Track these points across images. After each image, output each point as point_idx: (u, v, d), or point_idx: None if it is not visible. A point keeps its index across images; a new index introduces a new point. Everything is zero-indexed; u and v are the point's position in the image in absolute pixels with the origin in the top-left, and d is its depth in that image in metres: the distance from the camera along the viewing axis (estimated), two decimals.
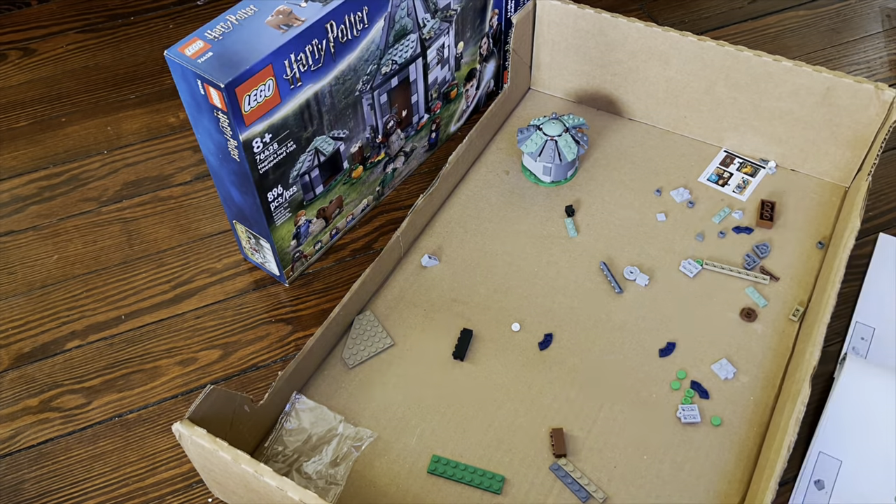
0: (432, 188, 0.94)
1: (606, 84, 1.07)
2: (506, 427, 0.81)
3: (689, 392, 0.82)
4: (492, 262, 0.94)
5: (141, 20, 1.29)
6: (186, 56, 0.73)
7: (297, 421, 0.81)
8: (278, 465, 0.78)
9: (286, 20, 0.77)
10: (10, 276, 0.96)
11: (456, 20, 0.97)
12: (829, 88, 0.93)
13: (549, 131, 0.98)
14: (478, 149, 1.04)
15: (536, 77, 1.12)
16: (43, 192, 1.05)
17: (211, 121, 0.76)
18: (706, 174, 1.02)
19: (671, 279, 0.92)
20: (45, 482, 0.80)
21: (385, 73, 0.90)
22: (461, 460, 0.78)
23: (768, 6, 1.27)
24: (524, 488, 0.77)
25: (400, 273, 0.93)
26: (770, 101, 0.98)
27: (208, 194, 1.04)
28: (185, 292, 0.94)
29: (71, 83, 1.19)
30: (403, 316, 0.89)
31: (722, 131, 1.03)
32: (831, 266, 0.84)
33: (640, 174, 1.02)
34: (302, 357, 0.80)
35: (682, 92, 1.03)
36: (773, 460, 0.70)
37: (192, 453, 0.70)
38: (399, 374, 0.85)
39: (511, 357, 0.86)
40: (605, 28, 1.02)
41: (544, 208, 0.99)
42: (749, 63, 0.96)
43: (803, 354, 0.77)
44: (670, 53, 1.00)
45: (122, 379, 0.87)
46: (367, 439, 0.80)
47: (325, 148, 0.87)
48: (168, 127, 1.13)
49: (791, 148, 1.00)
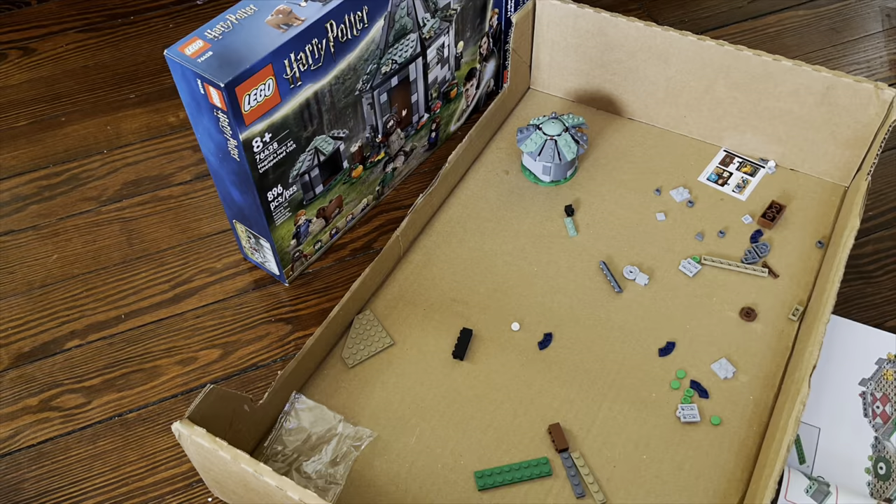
0: (432, 188, 0.94)
1: (606, 84, 1.07)
2: (505, 426, 0.81)
3: (688, 391, 0.82)
4: (491, 261, 0.94)
5: (141, 20, 1.29)
6: (186, 55, 0.73)
7: (296, 420, 0.81)
8: (278, 465, 0.78)
9: (286, 20, 0.77)
10: (10, 276, 0.96)
11: (456, 20, 0.97)
12: (829, 88, 0.93)
13: (548, 131, 0.98)
14: (477, 148, 1.04)
15: (536, 76, 1.12)
16: (43, 192, 1.05)
17: (211, 120, 0.76)
18: (706, 174, 1.02)
19: (671, 278, 0.92)
20: (44, 481, 0.80)
21: (385, 73, 0.90)
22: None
23: (768, 6, 1.27)
24: (523, 488, 0.77)
25: (400, 272, 0.93)
26: (770, 101, 0.98)
27: (208, 194, 1.04)
28: (184, 292, 0.94)
29: (71, 83, 1.19)
30: (403, 315, 0.89)
31: (721, 131, 1.03)
32: (831, 265, 0.84)
33: (639, 174, 1.02)
34: (301, 357, 0.80)
35: (681, 91, 1.03)
36: (773, 459, 0.70)
37: (191, 453, 0.70)
38: (398, 373, 0.85)
39: (511, 356, 0.86)
40: (604, 27, 1.02)
41: (544, 208, 0.99)
42: (749, 63, 0.96)
43: (803, 354, 0.77)
44: (670, 53, 1.00)
45: (121, 378, 0.87)
46: (366, 439, 0.80)
47: (324, 147, 0.87)
48: (168, 126, 1.13)
49: (791, 147, 1.00)
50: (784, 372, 0.84)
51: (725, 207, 0.98)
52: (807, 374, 0.73)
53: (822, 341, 0.76)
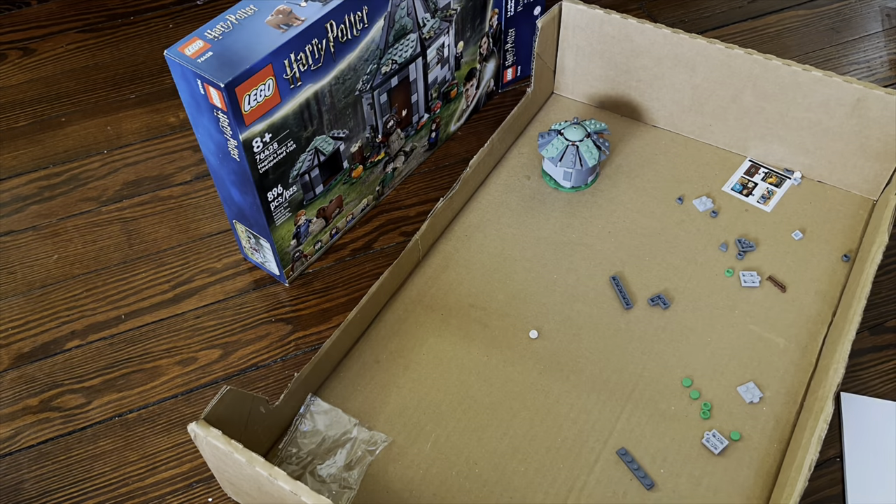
0: (452, 191, 0.93)
1: (631, 90, 1.06)
2: (521, 435, 0.80)
3: (706, 405, 0.81)
4: (511, 267, 0.93)
5: (141, 20, 1.29)
6: (186, 56, 0.73)
7: (311, 423, 0.81)
8: (292, 468, 0.78)
9: (286, 20, 0.77)
10: (10, 276, 0.96)
11: (456, 20, 0.97)
12: (860, 100, 0.92)
13: (570, 136, 0.97)
14: (499, 153, 1.04)
15: (560, 81, 1.11)
16: (43, 192, 1.05)
17: (211, 120, 0.76)
18: (730, 184, 1.00)
19: (692, 290, 0.90)
20: (45, 482, 0.80)
21: (385, 73, 0.90)
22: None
23: (768, 5, 1.27)
24: (538, 497, 0.76)
25: (418, 276, 0.93)
26: (798, 112, 0.96)
27: (208, 194, 1.04)
28: (184, 292, 0.94)
29: (71, 83, 1.19)
30: (420, 320, 0.89)
31: (747, 140, 1.02)
32: (858, 280, 0.82)
33: (662, 182, 1.01)
34: (318, 359, 0.80)
35: (707, 99, 1.01)
36: (794, 478, 0.68)
37: (206, 453, 0.70)
38: (414, 378, 0.84)
39: (528, 364, 0.85)
40: (630, 33, 1.01)
41: (565, 214, 0.98)
42: (778, 72, 0.94)
43: (827, 371, 0.76)
44: (697, 60, 0.98)
45: (121, 379, 0.87)
46: (381, 444, 0.79)
47: (324, 147, 0.87)
48: (168, 127, 1.13)
49: (818, 159, 0.98)
50: (807, 389, 0.82)
51: (749, 218, 0.97)
52: (830, 392, 0.72)
53: (846, 358, 0.74)
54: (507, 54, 1.11)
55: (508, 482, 0.77)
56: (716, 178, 1.01)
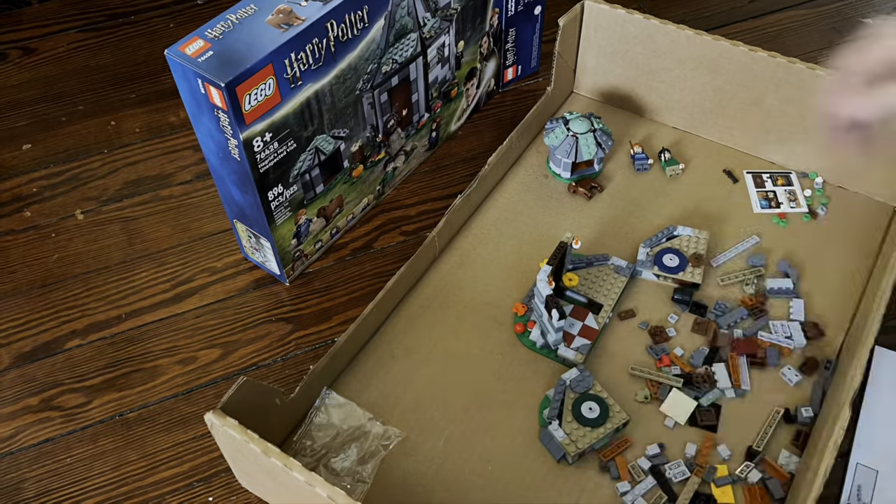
0: (470, 189, 0.93)
1: (652, 91, 1.06)
2: (534, 435, 0.80)
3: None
4: (527, 265, 0.93)
5: (141, 19, 1.29)
6: (187, 55, 0.73)
7: (326, 416, 0.81)
8: (306, 460, 0.78)
9: (286, 19, 0.77)
10: (11, 276, 0.96)
11: (456, 19, 0.97)
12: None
13: (574, 127, 0.97)
14: (517, 151, 1.04)
15: (580, 80, 1.11)
16: (43, 192, 1.05)
17: (211, 120, 0.76)
18: (755, 205, 0.99)
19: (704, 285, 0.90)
20: (45, 481, 0.80)
21: (385, 72, 0.90)
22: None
23: (769, 5, 1.27)
24: (551, 496, 0.76)
25: (434, 273, 0.93)
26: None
27: (209, 193, 1.04)
28: (185, 291, 0.94)
29: (71, 82, 1.19)
30: (436, 316, 0.89)
31: (769, 143, 1.01)
32: (877, 287, 0.81)
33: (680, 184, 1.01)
34: (333, 353, 0.80)
35: (730, 102, 1.01)
36: (811, 481, 0.68)
37: (222, 443, 0.71)
38: (429, 375, 0.84)
39: (543, 364, 0.85)
40: (653, 34, 1.00)
41: (583, 214, 0.98)
42: (801, 76, 0.93)
43: (844, 377, 0.75)
44: (719, 63, 0.98)
45: (122, 378, 0.87)
46: (395, 438, 0.79)
47: (325, 147, 0.87)
48: (168, 126, 1.13)
49: (839, 163, 0.97)
50: (823, 394, 0.81)
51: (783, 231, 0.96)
52: (848, 399, 0.71)
53: (864, 364, 0.73)
54: (508, 54, 1.11)
55: (521, 480, 0.77)
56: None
